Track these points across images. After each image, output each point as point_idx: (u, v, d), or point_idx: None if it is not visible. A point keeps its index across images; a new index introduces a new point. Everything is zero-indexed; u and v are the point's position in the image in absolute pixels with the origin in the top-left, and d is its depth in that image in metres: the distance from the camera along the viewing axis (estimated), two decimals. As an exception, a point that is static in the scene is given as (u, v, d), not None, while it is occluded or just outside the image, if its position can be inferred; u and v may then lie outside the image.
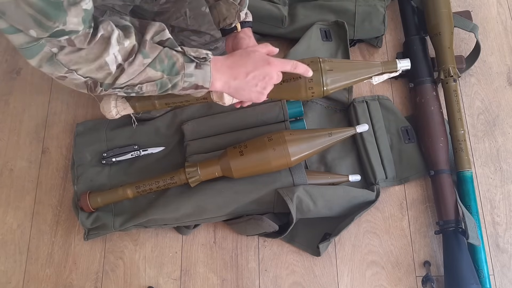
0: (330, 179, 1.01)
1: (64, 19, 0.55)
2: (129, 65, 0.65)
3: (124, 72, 0.65)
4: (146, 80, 0.68)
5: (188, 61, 0.70)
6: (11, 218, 1.07)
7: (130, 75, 0.66)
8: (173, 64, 0.69)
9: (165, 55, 0.68)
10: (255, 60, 0.74)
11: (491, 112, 1.13)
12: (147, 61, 0.67)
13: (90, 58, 0.62)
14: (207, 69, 0.71)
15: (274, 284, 1.01)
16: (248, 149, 0.93)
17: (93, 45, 0.61)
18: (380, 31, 1.14)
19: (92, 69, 0.63)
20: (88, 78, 0.65)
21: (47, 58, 0.60)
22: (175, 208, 0.97)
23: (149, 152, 1.06)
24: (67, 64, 0.62)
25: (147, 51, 0.67)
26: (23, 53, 0.59)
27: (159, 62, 0.68)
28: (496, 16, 1.23)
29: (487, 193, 1.06)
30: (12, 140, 1.14)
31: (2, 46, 1.23)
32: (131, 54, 0.65)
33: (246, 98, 0.78)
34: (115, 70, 0.65)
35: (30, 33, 0.55)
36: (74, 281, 1.02)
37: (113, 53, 0.63)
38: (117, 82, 0.66)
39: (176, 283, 1.01)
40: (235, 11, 0.82)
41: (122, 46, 0.64)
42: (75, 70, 0.63)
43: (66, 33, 0.57)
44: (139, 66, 0.66)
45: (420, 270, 1.01)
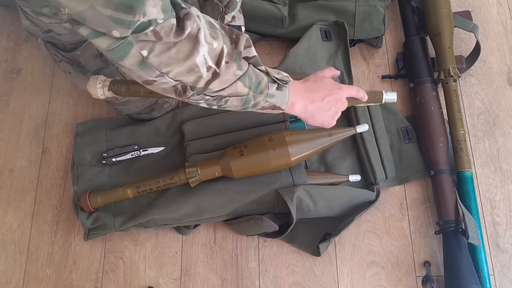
0: (330, 179, 1.01)
1: (143, 9, 0.52)
2: (225, 70, 0.63)
3: (219, 77, 0.63)
4: (234, 94, 0.67)
5: (271, 82, 0.70)
6: (11, 218, 1.07)
7: (223, 83, 0.64)
8: (259, 83, 0.69)
9: (252, 71, 0.68)
10: (329, 86, 0.78)
11: (491, 112, 1.13)
12: (239, 73, 0.65)
13: (180, 57, 0.59)
14: (286, 91, 0.72)
15: (274, 284, 1.01)
16: (248, 149, 0.93)
17: (182, 43, 0.59)
18: (380, 31, 1.14)
19: (183, 70, 0.61)
20: (178, 82, 0.62)
21: (139, 62, 0.58)
22: (175, 208, 0.97)
23: (149, 152, 1.06)
24: (158, 67, 0.59)
25: (241, 63, 0.65)
26: (113, 56, 0.57)
27: (248, 78, 0.67)
28: (496, 16, 1.23)
29: (487, 193, 1.06)
30: (12, 140, 1.14)
31: (2, 46, 1.23)
32: (221, 57, 0.63)
33: (319, 122, 0.80)
34: (205, 73, 0.62)
35: (113, 34, 0.54)
36: (74, 281, 1.02)
37: (202, 53, 0.60)
38: (209, 87, 0.64)
39: (176, 283, 1.01)
40: (218, 13, 0.80)
41: (211, 47, 0.61)
42: (166, 73, 0.60)
43: (149, 24, 0.55)
44: (232, 76, 0.65)
45: (420, 270, 1.01)
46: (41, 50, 1.19)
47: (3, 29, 1.25)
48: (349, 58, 1.12)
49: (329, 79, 0.80)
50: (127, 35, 0.55)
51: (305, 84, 0.78)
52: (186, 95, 0.64)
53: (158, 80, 0.61)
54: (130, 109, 1.02)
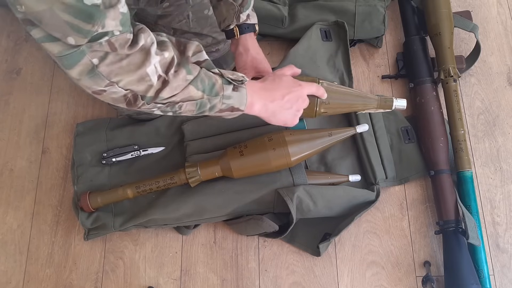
0: (330, 179, 1.01)
1: (103, 21, 0.53)
2: (174, 78, 0.64)
3: (168, 85, 0.64)
4: (187, 98, 0.67)
5: (226, 83, 0.70)
6: (11, 218, 1.07)
7: (173, 90, 0.65)
8: (213, 85, 0.68)
9: (205, 75, 0.68)
10: (288, 84, 0.77)
11: (491, 112, 1.13)
12: (190, 78, 0.66)
13: (132, 68, 0.60)
14: (243, 91, 0.72)
15: (274, 284, 1.01)
16: (248, 149, 0.93)
17: (134, 55, 0.59)
18: (380, 31, 1.14)
19: (133, 80, 0.61)
20: (129, 91, 0.63)
21: (88, 71, 0.58)
22: (175, 208, 0.97)
23: (149, 152, 1.06)
24: (108, 76, 0.59)
25: (190, 67, 0.66)
26: (62, 63, 0.56)
27: (201, 81, 0.67)
28: (496, 16, 1.23)
29: (487, 193, 1.06)
30: (12, 140, 1.14)
31: (2, 46, 1.23)
32: (171, 66, 0.64)
33: (281, 121, 0.80)
34: (156, 82, 0.63)
35: (68, 41, 0.53)
36: (74, 281, 1.02)
37: (153, 63, 0.61)
38: (160, 95, 0.64)
39: (176, 283, 1.01)
40: (233, 12, 0.81)
41: (162, 57, 0.62)
42: (116, 83, 0.60)
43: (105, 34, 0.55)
44: (182, 81, 0.65)
45: (420, 270, 1.01)
46: (41, 50, 1.19)
47: (3, 29, 1.25)
48: (349, 58, 1.12)
49: (288, 77, 0.79)
50: (82, 44, 0.54)
51: (264, 83, 0.77)
52: (137, 105, 0.64)
53: (108, 89, 0.61)
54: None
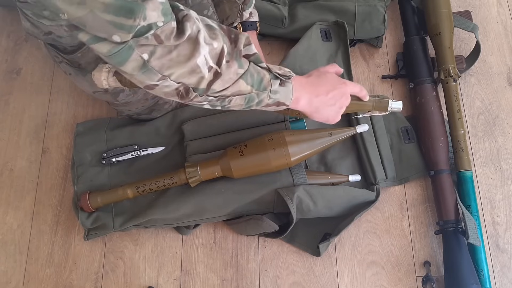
0: (330, 179, 1.01)
1: (143, 14, 0.52)
2: (226, 69, 0.63)
3: (220, 77, 0.63)
4: (237, 93, 0.66)
5: (274, 78, 0.69)
6: (11, 218, 1.07)
7: (225, 82, 0.64)
8: (261, 80, 0.68)
9: (254, 69, 0.67)
10: (333, 80, 0.77)
11: (491, 112, 1.13)
12: (240, 72, 0.65)
13: (181, 60, 0.59)
14: (290, 86, 0.71)
15: (274, 284, 1.01)
16: (248, 149, 0.93)
17: (182, 45, 0.58)
18: (380, 31, 1.14)
19: (184, 72, 0.60)
20: (181, 84, 0.62)
21: (140, 67, 0.58)
22: (175, 208, 0.97)
23: (149, 152, 1.06)
24: (160, 70, 0.59)
25: (242, 61, 0.65)
26: (114, 61, 0.57)
27: (250, 76, 0.66)
28: (496, 16, 1.23)
29: (487, 193, 1.06)
30: (12, 140, 1.14)
31: (2, 46, 1.23)
32: (222, 57, 0.63)
33: (324, 117, 0.79)
34: (207, 74, 0.62)
35: (114, 39, 0.54)
36: (74, 281, 1.02)
37: (203, 54, 0.60)
38: (212, 87, 0.64)
39: (176, 283, 1.01)
40: (237, 10, 0.81)
41: (211, 47, 0.61)
42: (168, 76, 0.60)
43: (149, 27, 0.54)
44: (234, 75, 0.64)
45: (420, 270, 1.01)
46: (41, 50, 1.19)
47: (3, 29, 1.25)
48: (349, 58, 1.12)
49: (332, 74, 0.79)
50: (128, 40, 0.54)
51: (309, 78, 0.77)
52: (189, 97, 0.64)
53: (160, 83, 0.61)
54: (131, 110, 1.02)
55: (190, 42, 0.59)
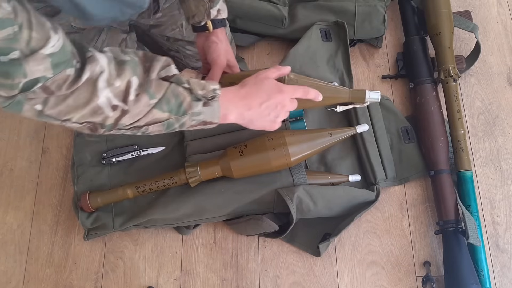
0: (330, 179, 1.01)
1: (21, 72, 0.50)
2: (134, 104, 0.61)
3: (128, 113, 0.61)
4: (153, 121, 0.64)
5: (195, 100, 0.66)
6: (11, 218, 1.07)
7: (134, 116, 0.62)
8: (180, 104, 0.65)
9: (172, 93, 0.64)
10: (268, 89, 0.73)
11: (491, 112, 1.13)
12: (153, 102, 0.62)
13: (80, 104, 0.57)
14: (216, 105, 0.68)
15: (274, 284, 1.01)
16: (248, 149, 0.93)
17: (79, 90, 0.56)
18: (380, 32, 1.14)
19: (86, 114, 0.59)
20: (86, 123, 0.60)
21: (36, 115, 0.57)
22: (175, 208, 0.97)
23: (149, 152, 1.06)
24: (58, 116, 0.57)
25: (153, 91, 0.62)
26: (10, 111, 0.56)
27: (166, 103, 0.63)
28: (496, 16, 1.23)
29: (487, 193, 1.06)
30: (12, 140, 1.14)
31: (2, 46, 1.23)
32: (127, 93, 0.60)
33: (259, 127, 0.76)
34: (111, 112, 0.60)
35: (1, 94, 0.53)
36: (74, 281, 1.02)
37: (104, 96, 0.58)
38: (120, 123, 0.62)
39: (176, 283, 1.01)
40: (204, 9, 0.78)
41: (113, 88, 0.59)
42: (68, 120, 0.58)
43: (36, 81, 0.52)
44: (144, 107, 0.62)
45: (420, 270, 1.01)
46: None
47: (3, 29, 1.25)
48: (349, 58, 1.12)
49: (270, 81, 0.74)
50: (14, 95, 0.53)
51: (241, 90, 0.72)
52: (99, 132, 0.63)
53: (65, 124, 0.60)
54: None
55: (88, 85, 0.57)
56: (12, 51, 0.49)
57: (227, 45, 0.83)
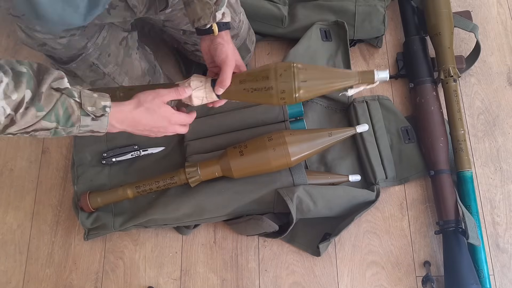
0: (330, 179, 1.01)
1: None
2: (21, 118, 0.62)
3: (16, 123, 0.63)
4: (40, 128, 0.66)
5: (84, 115, 0.68)
6: (11, 218, 1.07)
7: (21, 126, 0.64)
8: (69, 117, 0.67)
9: (61, 105, 0.66)
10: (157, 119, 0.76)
11: (491, 112, 1.13)
12: (41, 114, 0.64)
13: None
14: (105, 120, 0.70)
15: (274, 284, 1.01)
16: (248, 149, 0.93)
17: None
18: (380, 31, 1.14)
19: None
20: None
21: None
22: (175, 208, 0.97)
23: (149, 152, 1.06)
24: None
25: (41, 104, 0.64)
26: None
27: (55, 114, 0.65)
28: (496, 16, 1.23)
29: (487, 193, 1.06)
30: (12, 140, 1.14)
31: (2, 46, 1.23)
32: (20, 106, 0.62)
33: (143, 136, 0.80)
34: (3, 120, 0.62)
35: None
36: (74, 281, 1.02)
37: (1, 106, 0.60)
38: (7, 130, 0.64)
39: (176, 283, 1.01)
40: (210, 12, 0.78)
41: (9, 100, 0.61)
42: None
43: None
44: (32, 119, 0.63)
45: (420, 270, 1.01)
46: (41, 50, 1.19)
47: (3, 29, 1.25)
48: (349, 58, 1.12)
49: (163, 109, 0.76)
50: None
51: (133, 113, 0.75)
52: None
53: None
54: None
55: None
56: None
57: (233, 46, 0.84)
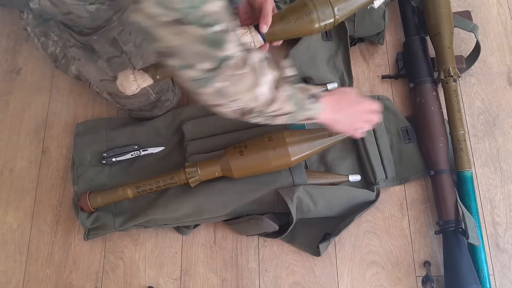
0: (330, 179, 1.01)
1: (226, 45, 0.58)
2: (279, 94, 0.70)
3: (275, 101, 0.70)
4: (283, 112, 0.74)
5: (308, 98, 0.77)
6: (11, 218, 1.07)
7: (278, 105, 0.71)
8: (301, 100, 0.76)
9: (295, 89, 0.75)
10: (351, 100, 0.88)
11: (491, 112, 1.13)
12: (288, 94, 0.72)
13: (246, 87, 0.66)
14: (319, 105, 0.80)
15: (274, 284, 1.01)
16: (248, 149, 0.93)
17: (248, 75, 0.65)
18: (380, 27, 1.13)
19: (248, 98, 0.67)
20: (243, 107, 0.69)
21: (215, 92, 0.64)
22: (175, 208, 0.97)
23: (149, 152, 1.06)
24: (229, 95, 0.65)
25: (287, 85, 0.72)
26: (193, 85, 0.62)
27: (295, 97, 0.74)
28: (496, 16, 1.23)
29: (487, 193, 1.06)
30: (12, 140, 1.14)
31: (2, 46, 1.23)
32: (277, 83, 0.70)
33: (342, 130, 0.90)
34: (265, 99, 0.69)
35: (199, 67, 0.59)
36: (74, 281, 1.02)
37: (264, 82, 0.67)
38: (267, 110, 0.71)
39: (176, 283, 1.01)
40: None
41: (270, 76, 0.68)
42: (234, 100, 0.66)
43: (228, 57, 0.60)
44: (283, 98, 0.71)
45: (420, 270, 1.01)
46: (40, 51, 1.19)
47: (3, 29, 1.25)
48: (349, 58, 1.12)
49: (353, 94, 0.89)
50: (211, 68, 0.60)
51: (333, 96, 0.86)
52: (248, 117, 0.72)
53: (226, 105, 0.67)
54: (133, 104, 1.02)
55: (254, 72, 0.65)
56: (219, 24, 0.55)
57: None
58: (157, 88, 1.00)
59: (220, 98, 0.65)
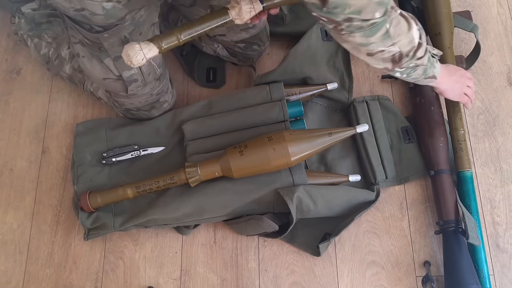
0: (330, 179, 1.01)
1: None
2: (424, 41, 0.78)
3: (421, 47, 0.78)
4: (421, 63, 0.81)
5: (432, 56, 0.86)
6: (11, 218, 1.07)
7: (422, 52, 0.79)
8: (431, 56, 0.85)
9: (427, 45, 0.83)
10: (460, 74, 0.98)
11: (491, 112, 1.13)
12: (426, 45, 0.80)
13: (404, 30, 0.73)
14: (438, 64, 0.89)
15: (274, 284, 1.01)
16: (248, 149, 0.93)
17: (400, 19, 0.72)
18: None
19: (405, 41, 0.75)
20: (399, 51, 0.75)
21: (383, 35, 0.71)
22: (175, 208, 0.97)
23: (149, 152, 1.06)
24: (394, 37, 0.72)
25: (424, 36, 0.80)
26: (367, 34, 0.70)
27: (427, 52, 0.82)
28: (496, 16, 1.23)
29: (487, 193, 1.06)
30: (12, 140, 1.14)
31: (2, 46, 1.23)
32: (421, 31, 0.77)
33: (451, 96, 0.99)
34: (416, 44, 0.76)
35: (376, 16, 0.67)
36: (74, 281, 1.02)
37: (413, 26, 0.75)
38: (415, 54, 0.78)
39: (176, 283, 1.01)
40: None
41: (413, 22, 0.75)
42: (396, 43, 0.73)
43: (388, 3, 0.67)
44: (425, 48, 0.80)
45: (420, 270, 1.01)
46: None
47: (3, 29, 1.25)
48: (349, 58, 1.12)
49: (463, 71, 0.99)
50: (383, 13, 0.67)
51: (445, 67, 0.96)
52: (400, 63, 0.78)
53: (387, 49, 0.74)
54: (133, 103, 1.02)
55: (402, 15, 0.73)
56: None
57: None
58: (161, 65, 0.99)
59: (386, 40, 0.72)
